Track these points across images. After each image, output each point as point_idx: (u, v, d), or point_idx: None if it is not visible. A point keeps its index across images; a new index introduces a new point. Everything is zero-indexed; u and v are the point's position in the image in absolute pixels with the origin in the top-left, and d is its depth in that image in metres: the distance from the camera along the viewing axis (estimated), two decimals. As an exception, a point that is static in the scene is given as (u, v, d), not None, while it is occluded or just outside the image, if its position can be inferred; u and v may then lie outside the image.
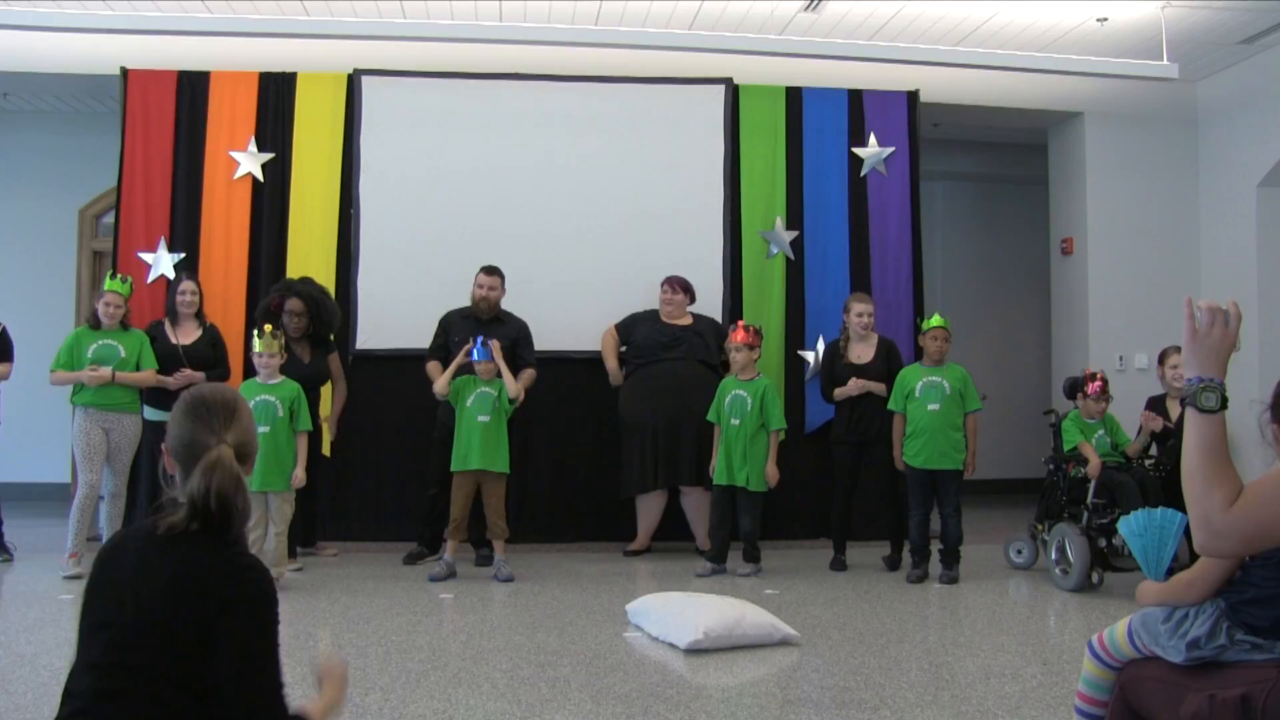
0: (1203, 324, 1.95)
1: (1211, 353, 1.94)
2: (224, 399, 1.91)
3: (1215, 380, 1.92)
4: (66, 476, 8.39)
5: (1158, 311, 7.61)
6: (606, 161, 6.90)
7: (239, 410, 1.91)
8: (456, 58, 6.77)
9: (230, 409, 1.89)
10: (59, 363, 5.63)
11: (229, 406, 1.89)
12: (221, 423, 1.85)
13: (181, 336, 5.96)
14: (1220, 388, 1.92)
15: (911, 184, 7.12)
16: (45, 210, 8.43)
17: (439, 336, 6.14)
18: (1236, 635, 2.08)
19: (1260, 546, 1.98)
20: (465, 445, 5.61)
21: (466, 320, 6.06)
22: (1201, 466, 1.91)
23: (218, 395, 1.92)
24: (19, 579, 5.46)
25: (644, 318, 6.47)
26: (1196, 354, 1.96)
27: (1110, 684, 2.36)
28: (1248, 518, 1.88)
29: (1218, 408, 1.91)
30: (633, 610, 4.57)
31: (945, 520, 5.65)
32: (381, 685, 3.62)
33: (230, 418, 1.87)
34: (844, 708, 3.43)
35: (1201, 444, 1.91)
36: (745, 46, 6.42)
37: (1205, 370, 1.93)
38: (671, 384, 6.22)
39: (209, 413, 1.86)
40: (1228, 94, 7.58)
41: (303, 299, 6.03)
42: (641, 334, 6.38)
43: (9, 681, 3.63)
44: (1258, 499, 1.88)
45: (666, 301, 6.42)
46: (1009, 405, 8.58)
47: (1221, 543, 1.92)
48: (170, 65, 6.67)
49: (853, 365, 6.06)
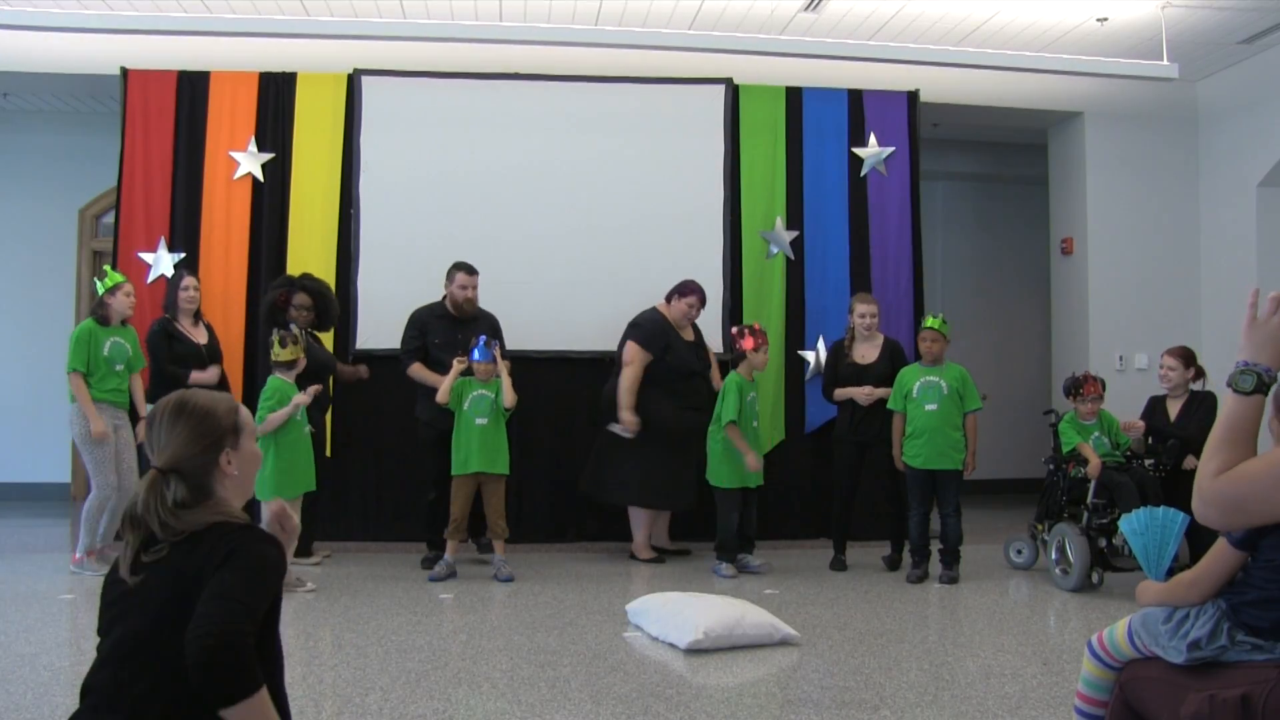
0: (1263, 312, 1.98)
1: (1267, 340, 1.98)
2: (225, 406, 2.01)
3: (1263, 367, 1.96)
4: (67, 476, 8.40)
5: (1158, 311, 7.62)
6: (606, 161, 6.90)
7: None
8: (456, 58, 6.77)
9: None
10: (79, 362, 5.49)
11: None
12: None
13: (196, 336, 5.96)
14: (1263, 374, 1.95)
15: (911, 184, 7.11)
16: (45, 210, 8.43)
17: (415, 338, 6.02)
18: (1237, 636, 2.08)
19: (1239, 521, 2.02)
20: (465, 449, 5.59)
21: (443, 320, 5.99)
22: (1215, 438, 1.95)
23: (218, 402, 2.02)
24: (19, 579, 5.46)
25: (663, 329, 6.15)
26: (1251, 339, 2.00)
27: (1110, 684, 2.36)
28: (1229, 490, 1.93)
29: (1250, 390, 1.95)
30: (633, 610, 4.57)
31: (945, 520, 5.65)
32: (381, 685, 3.62)
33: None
34: (844, 708, 3.43)
35: (1226, 419, 1.96)
36: (745, 46, 6.42)
37: (1256, 356, 1.97)
38: (707, 400, 6.05)
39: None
40: (1228, 94, 7.58)
41: (310, 293, 6.06)
42: (678, 352, 6.12)
43: (9, 681, 3.63)
44: (1244, 474, 1.93)
45: (692, 309, 6.18)
46: (1009, 405, 8.58)
47: (1205, 510, 1.98)
48: (170, 65, 6.67)
49: (857, 365, 6.04)
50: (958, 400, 5.67)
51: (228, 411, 1.95)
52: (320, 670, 3.92)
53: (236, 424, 1.95)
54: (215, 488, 1.89)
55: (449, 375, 5.63)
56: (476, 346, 5.64)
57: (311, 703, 3.46)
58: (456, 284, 6.02)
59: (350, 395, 6.48)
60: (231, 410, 1.96)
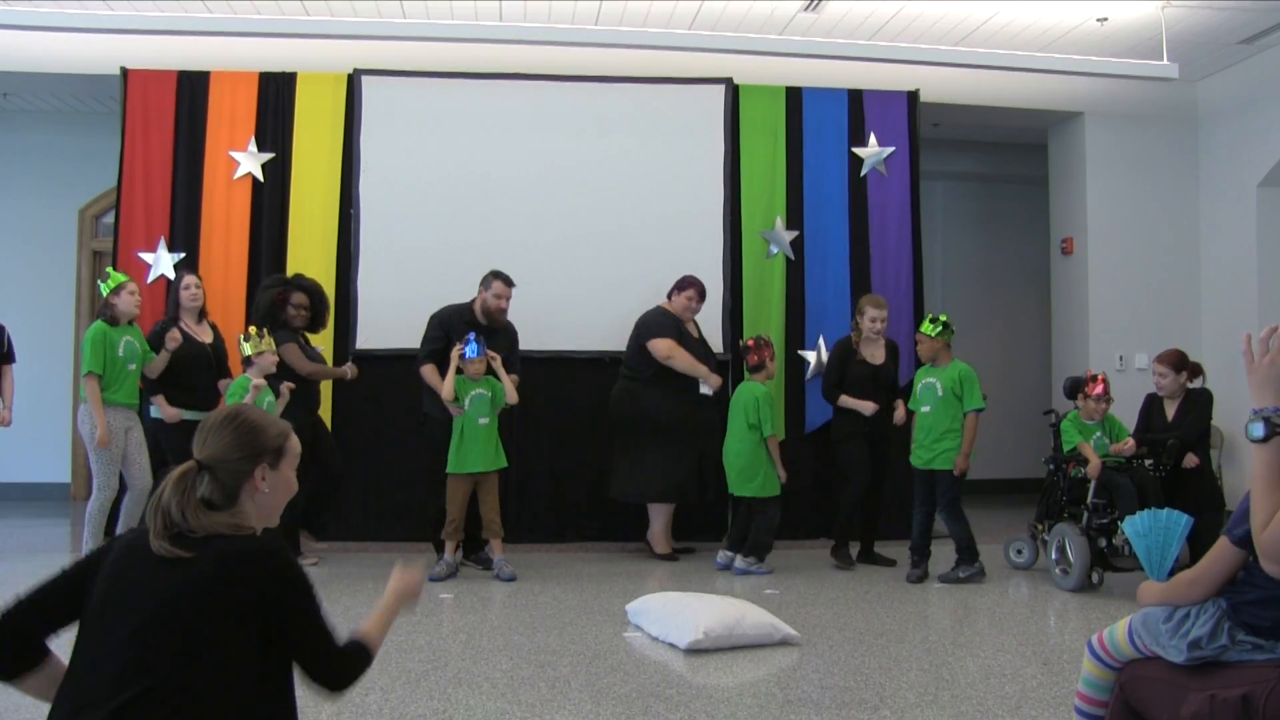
0: (1257, 354, 1.98)
1: (1265, 383, 1.97)
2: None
3: (1269, 410, 1.94)
4: (67, 476, 8.41)
5: (1158, 311, 7.63)
6: (606, 161, 6.89)
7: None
8: (456, 58, 6.77)
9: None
10: (97, 365, 5.42)
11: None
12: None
13: (201, 335, 5.96)
14: (1271, 416, 1.93)
15: (911, 184, 7.11)
16: (45, 210, 8.43)
17: (439, 338, 5.85)
18: (1238, 636, 2.08)
19: None
20: (467, 449, 5.58)
21: (469, 326, 5.87)
22: (1254, 492, 1.94)
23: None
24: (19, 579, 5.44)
25: (674, 325, 6.22)
26: (1253, 385, 1.99)
27: (1110, 684, 2.36)
28: (1275, 538, 1.90)
29: (1264, 436, 1.93)
30: (633, 610, 4.58)
31: (943, 520, 5.68)
32: (381, 685, 3.62)
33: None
34: (844, 708, 3.43)
35: (1256, 470, 1.94)
36: (745, 46, 6.42)
37: (1260, 400, 1.97)
38: (712, 398, 6.21)
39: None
40: (1228, 94, 7.58)
41: (306, 292, 6.08)
42: (688, 347, 6.20)
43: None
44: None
45: (692, 302, 6.26)
46: (1009, 405, 8.58)
47: (1267, 564, 1.95)
48: (170, 65, 6.67)
49: (869, 364, 6.09)
50: (954, 401, 5.65)
51: (277, 434, 1.98)
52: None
53: (283, 447, 1.98)
54: (243, 498, 1.90)
55: (450, 370, 5.60)
56: (469, 343, 5.62)
57: (311, 702, 3.44)
58: (493, 292, 5.90)
59: (350, 395, 6.47)
60: (281, 434, 1.99)
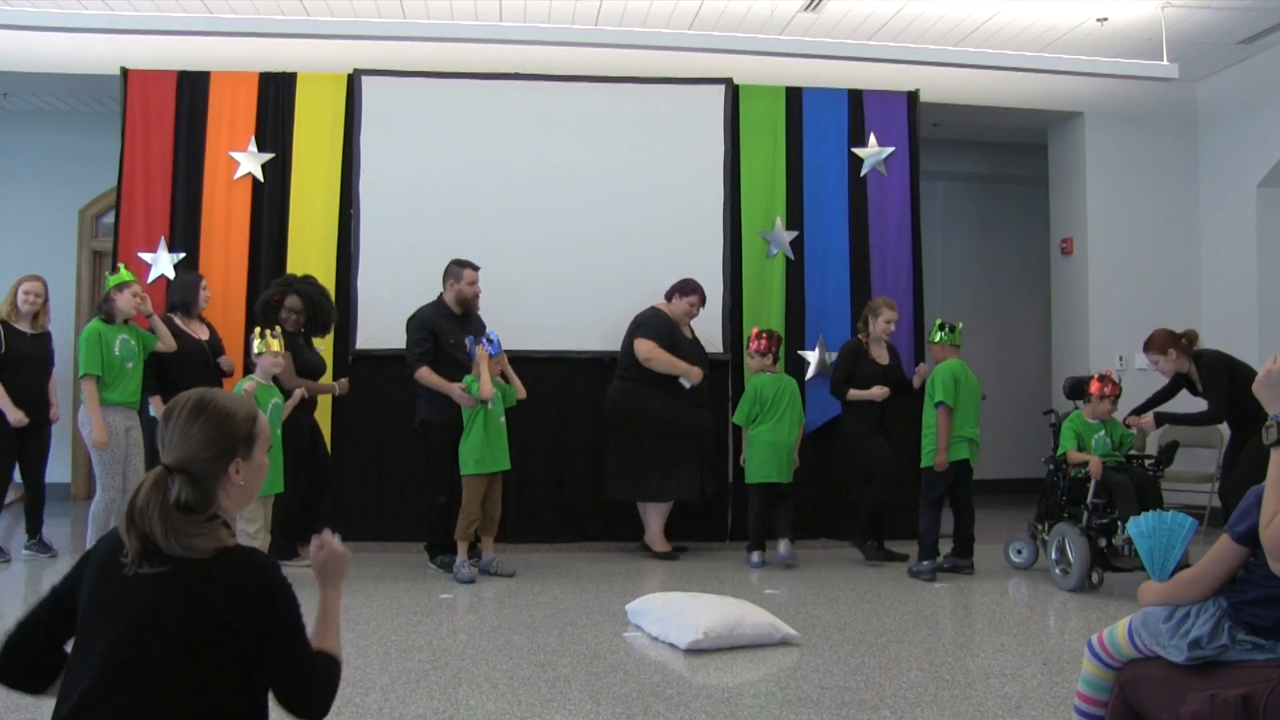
0: (1276, 368, 2.07)
1: (1274, 390, 2.07)
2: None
3: (1278, 416, 2.04)
4: (67, 476, 8.39)
5: (1158, 312, 7.60)
6: (606, 161, 6.90)
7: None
8: (456, 58, 6.77)
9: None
10: (94, 366, 5.40)
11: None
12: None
13: (197, 332, 5.97)
14: (1278, 421, 2.03)
15: (911, 184, 7.11)
16: (45, 210, 8.42)
17: (427, 340, 5.76)
18: (1238, 635, 2.08)
19: None
20: (490, 447, 5.53)
21: (450, 320, 5.87)
22: (1267, 495, 2.00)
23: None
24: (18, 579, 5.46)
25: (668, 327, 6.26)
26: (1267, 391, 2.09)
27: (1110, 684, 2.36)
28: (1276, 535, 1.93)
29: (1274, 441, 2.02)
30: (633, 610, 4.57)
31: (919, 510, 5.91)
32: (381, 685, 3.62)
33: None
34: (844, 708, 3.43)
35: (1269, 476, 2.01)
36: (745, 46, 6.42)
37: (1272, 406, 2.06)
38: (706, 397, 6.38)
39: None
40: (1228, 94, 7.58)
41: (302, 296, 6.05)
42: (682, 349, 6.26)
43: (9, 681, 3.62)
44: None
45: (694, 308, 6.33)
46: (1009, 405, 8.57)
47: (1272, 562, 2.00)
48: (170, 65, 6.67)
49: (880, 366, 6.16)
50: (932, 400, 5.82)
51: (245, 419, 1.89)
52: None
53: (252, 433, 1.89)
54: (219, 495, 1.85)
55: (482, 368, 5.48)
56: (492, 341, 5.57)
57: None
58: (465, 281, 5.90)
59: (350, 395, 6.46)
60: (249, 418, 1.90)
